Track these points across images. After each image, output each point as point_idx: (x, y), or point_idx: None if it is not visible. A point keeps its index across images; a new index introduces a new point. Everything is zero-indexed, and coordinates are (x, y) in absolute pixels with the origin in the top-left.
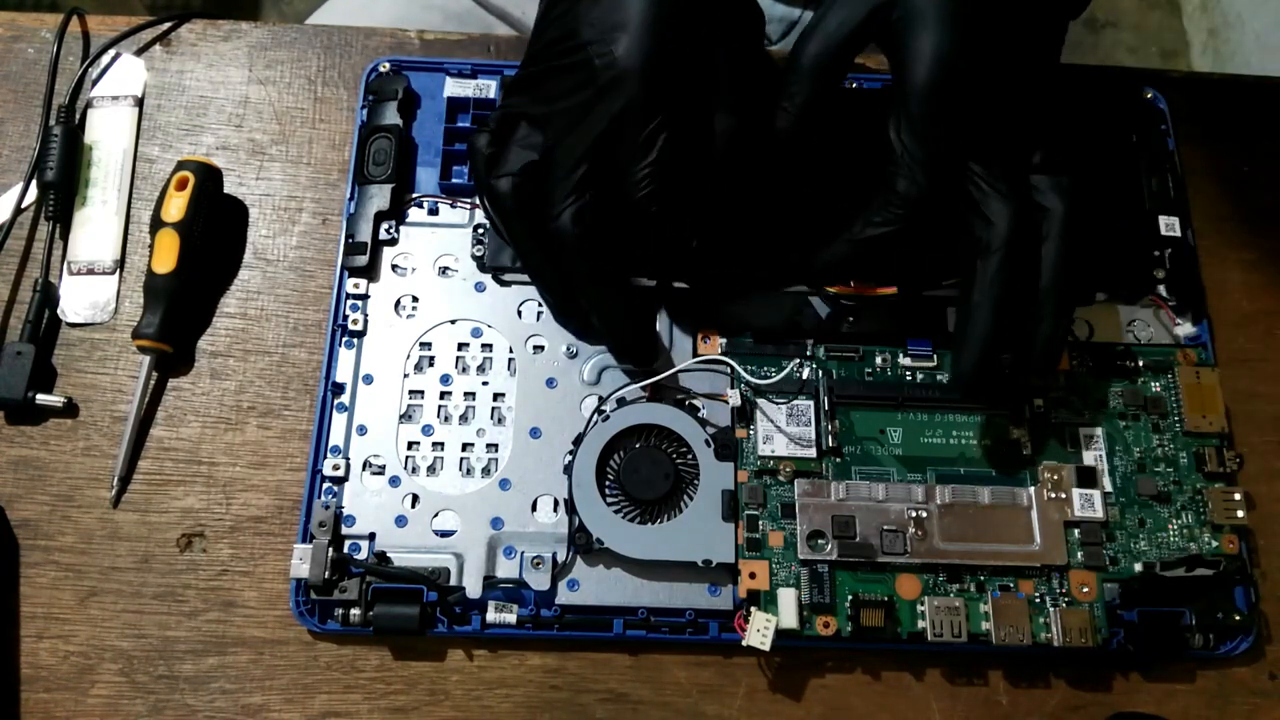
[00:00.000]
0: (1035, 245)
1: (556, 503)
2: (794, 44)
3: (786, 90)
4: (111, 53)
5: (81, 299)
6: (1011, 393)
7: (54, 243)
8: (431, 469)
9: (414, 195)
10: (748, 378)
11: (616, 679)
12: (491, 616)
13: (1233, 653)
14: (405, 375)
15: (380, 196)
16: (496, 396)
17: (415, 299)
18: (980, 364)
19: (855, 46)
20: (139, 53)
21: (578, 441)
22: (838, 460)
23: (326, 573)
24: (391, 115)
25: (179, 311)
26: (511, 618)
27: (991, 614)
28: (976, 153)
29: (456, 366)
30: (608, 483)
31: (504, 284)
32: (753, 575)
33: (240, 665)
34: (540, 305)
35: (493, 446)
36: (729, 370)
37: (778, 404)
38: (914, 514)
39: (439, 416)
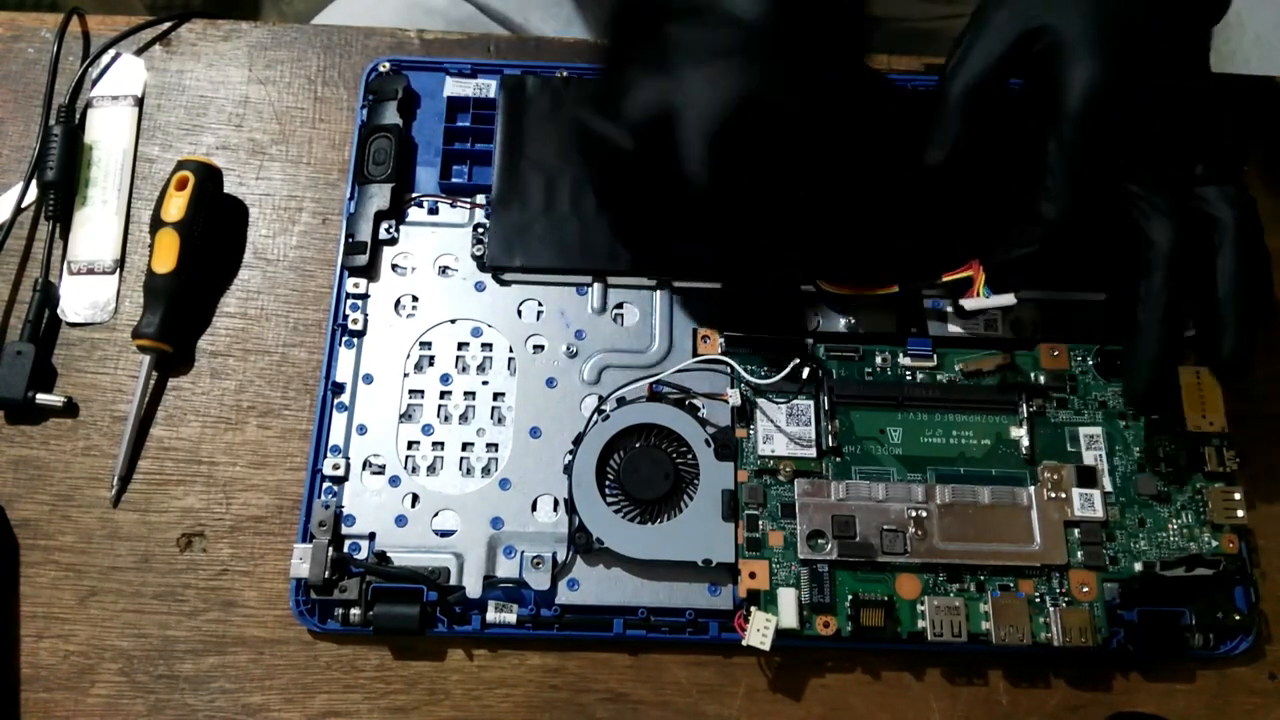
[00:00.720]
0: (1209, 257)
1: (556, 502)
2: (940, 78)
3: (938, 125)
4: (111, 53)
5: (81, 299)
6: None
7: (54, 243)
8: (431, 469)
9: (414, 195)
10: (748, 377)
11: (616, 679)
12: (491, 616)
13: (1233, 653)
14: (405, 375)
15: (380, 196)
16: (496, 396)
17: (415, 298)
18: (1153, 382)
19: (1002, 77)
20: (139, 53)
21: (578, 441)
22: (838, 460)
23: (326, 572)
24: (391, 115)
25: (179, 311)
26: (511, 617)
27: (991, 614)
28: (1133, 173)
29: (456, 366)
30: (608, 482)
31: (504, 283)
32: (753, 575)
33: (240, 665)
34: (540, 305)
35: (493, 446)
36: (729, 370)
37: (778, 404)
38: (914, 514)
39: (439, 416)
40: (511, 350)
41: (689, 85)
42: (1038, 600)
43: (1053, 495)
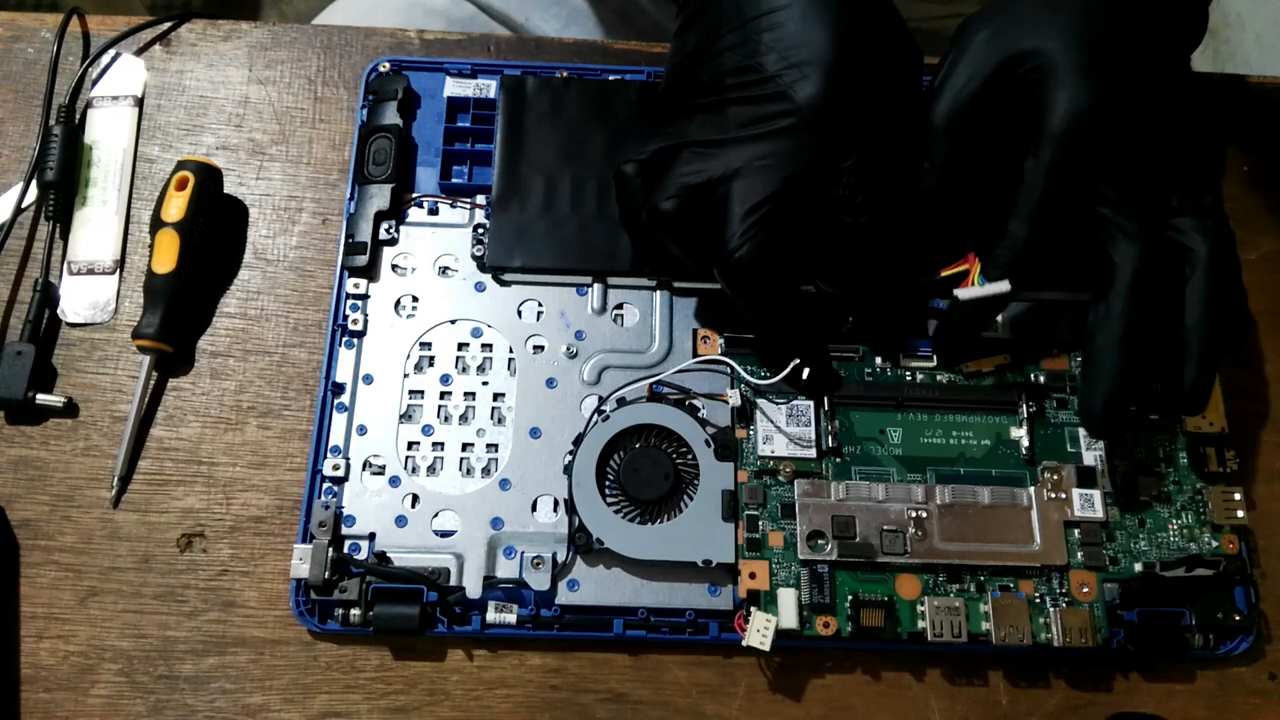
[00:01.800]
0: (1179, 287)
1: (556, 503)
2: (927, 102)
3: (927, 151)
4: (111, 53)
5: (81, 299)
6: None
7: (54, 243)
8: (431, 469)
9: (414, 195)
10: (747, 378)
11: (616, 679)
12: (491, 616)
13: (1233, 653)
14: (405, 375)
15: (380, 196)
16: (496, 396)
17: (415, 299)
18: (1108, 405)
19: (987, 99)
20: (139, 53)
21: (578, 441)
22: (838, 460)
23: (326, 573)
24: (391, 115)
25: (179, 311)
26: (511, 618)
27: (991, 614)
28: (1105, 197)
29: (456, 366)
30: (608, 483)
31: (504, 284)
32: (753, 575)
33: (240, 665)
34: (540, 305)
35: (493, 446)
36: (729, 370)
37: (778, 404)
38: (914, 514)
39: (439, 416)
40: (511, 350)
41: (738, 162)
42: (1038, 600)
43: (1053, 495)
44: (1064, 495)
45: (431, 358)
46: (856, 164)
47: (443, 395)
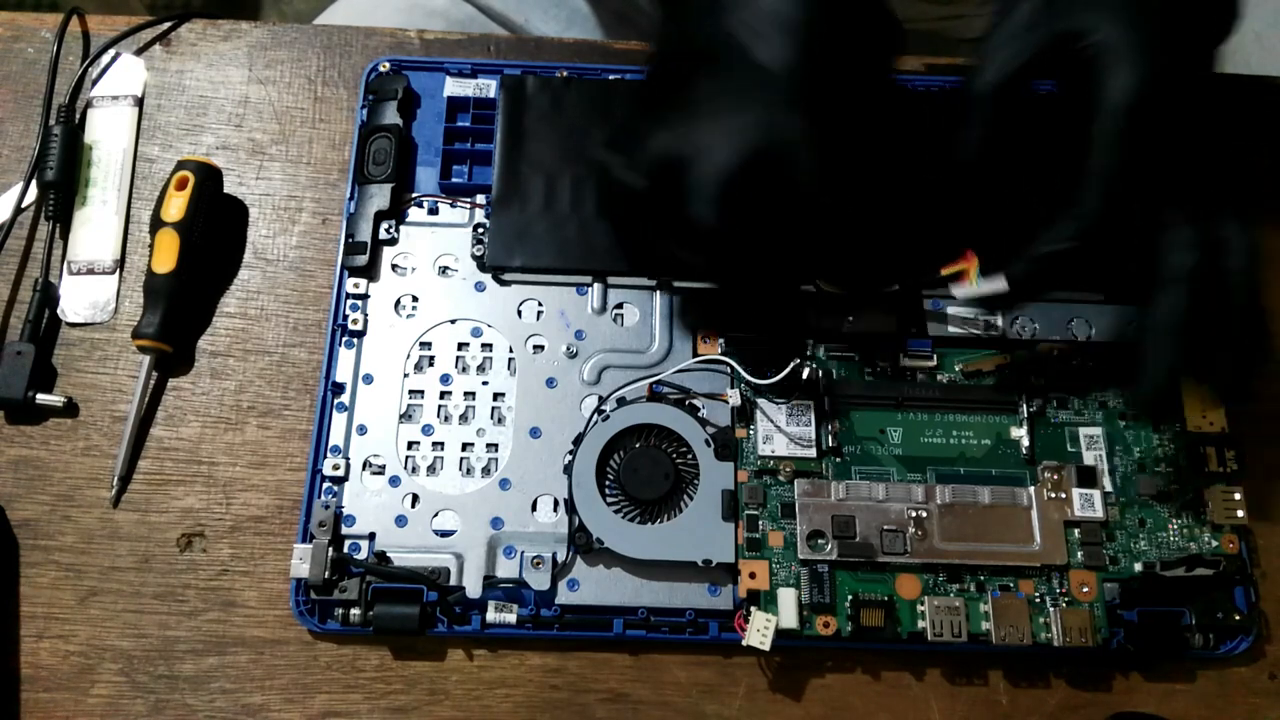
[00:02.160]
0: (1222, 274)
1: (556, 503)
2: (969, 73)
3: (967, 120)
4: (111, 52)
5: (81, 299)
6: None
7: (54, 243)
8: (431, 469)
9: (414, 195)
10: (748, 378)
11: (616, 679)
12: (491, 616)
13: (1233, 653)
14: (405, 375)
15: (380, 196)
16: (496, 396)
17: (415, 299)
18: (1158, 390)
19: (1034, 74)
20: (139, 53)
21: (578, 441)
22: (838, 460)
23: (326, 573)
24: (391, 115)
25: (179, 311)
26: (511, 618)
27: (991, 614)
28: (1159, 184)
29: (456, 366)
30: (608, 483)
31: (504, 284)
32: (753, 575)
33: (240, 665)
34: (540, 305)
35: (493, 446)
36: (729, 370)
37: (778, 404)
38: (914, 514)
39: (439, 416)
40: (511, 350)
41: (705, 134)
42: (1038, 600)
43: (1053, 495)
44: (1064, 495)
45: (431, 357)
46: (822, 134)
47: (443, 395)
